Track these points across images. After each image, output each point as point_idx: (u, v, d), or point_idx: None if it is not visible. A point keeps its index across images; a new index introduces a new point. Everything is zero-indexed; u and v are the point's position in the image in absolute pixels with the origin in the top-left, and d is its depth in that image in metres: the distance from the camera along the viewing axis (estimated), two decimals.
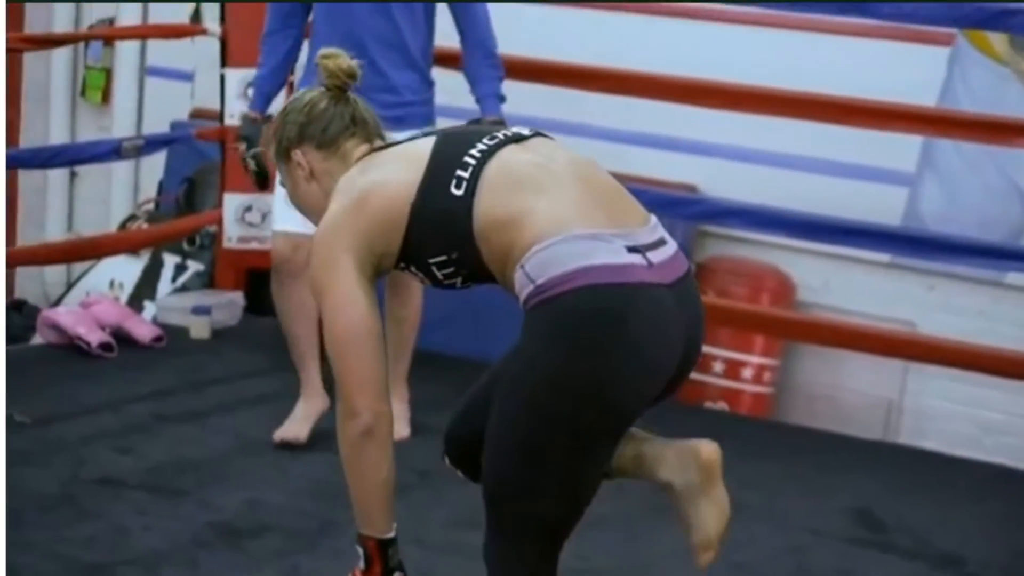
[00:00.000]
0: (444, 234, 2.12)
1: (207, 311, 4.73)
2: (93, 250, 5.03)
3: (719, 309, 4.45)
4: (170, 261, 5.45)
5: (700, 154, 5.07)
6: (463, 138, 2.19)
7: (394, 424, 2.21)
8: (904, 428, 4.95)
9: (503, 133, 2.20)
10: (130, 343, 4.47)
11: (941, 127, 4.37)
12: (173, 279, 5.41)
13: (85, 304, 4.61)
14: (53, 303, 5.76)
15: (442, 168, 2.13)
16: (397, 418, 3.21)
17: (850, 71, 4.66)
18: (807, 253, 4.89)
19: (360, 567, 2.20)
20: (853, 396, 5.01)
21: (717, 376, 4.92)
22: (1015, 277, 4.67)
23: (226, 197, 4.89)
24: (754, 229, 4.65)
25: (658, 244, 2.09)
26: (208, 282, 5.21)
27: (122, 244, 5.18)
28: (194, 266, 5.37)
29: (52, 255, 5.04)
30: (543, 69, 4.47)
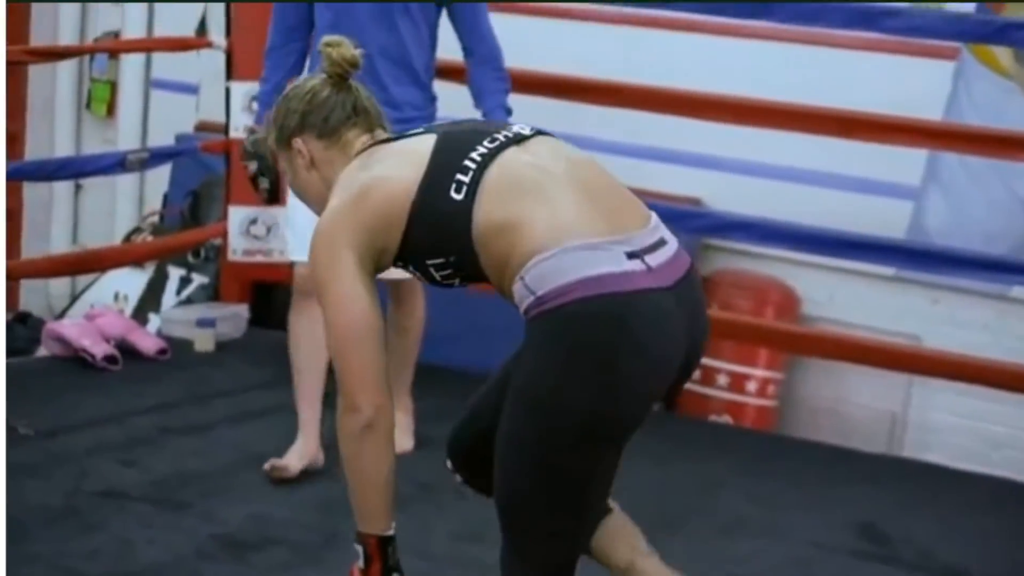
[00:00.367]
0: (442, 237, 2.11)
1: (211, 324, 4.73)
2: (98, 262, 5.02)
3: (723, 322, 4.43)
4: (175, 274, 5.45)
5: (705, 167, 5.07)
6: (464, 138, 2.17)
7: (398, 437, 2.21)
8: (908, 442, 4.94)
9: (504, 134, 2.17)
10: (134, 355, 4.47)
11: (946, 141, 4.37)
12: (178, 292, 5.41)
13: (90, 316, 4.61)
14: (58, 315, 5.77)
15: (442, 169, 2.11)
16: (401, 430, 3.20)
17: (855, 85, 4.67)
18: (812, 266, 4.89)
19: (359, 565, 2.18)
20: (857, 409, 5.01)
21: (721, 389, 4.91)
22: (1020, 291, 4.68)
23: (231, 210, 4.90)
24: (759, 242, 4.64)
25: (658, 245, 2.08)
26: (213, 295, 5.22)
27: (127, 257, 5.18)
28: (199, 279, 5.37)
29: (57, 267, 5.04)
30: (548, 82, 4.47)
